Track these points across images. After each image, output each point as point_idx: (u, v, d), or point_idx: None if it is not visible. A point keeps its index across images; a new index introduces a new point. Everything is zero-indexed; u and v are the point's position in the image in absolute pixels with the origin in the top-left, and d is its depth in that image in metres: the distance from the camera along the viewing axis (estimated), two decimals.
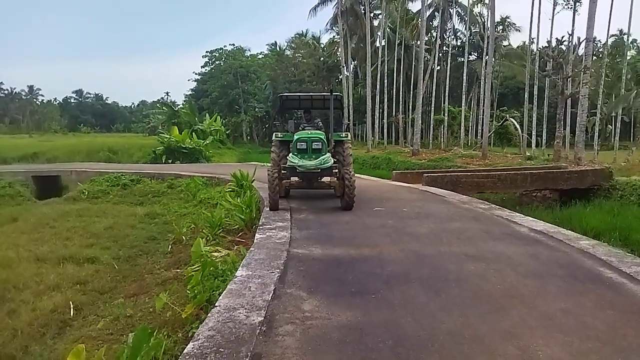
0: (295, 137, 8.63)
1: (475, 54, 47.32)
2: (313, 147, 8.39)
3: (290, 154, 8.49)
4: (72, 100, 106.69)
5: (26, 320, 6.47)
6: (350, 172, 8.37)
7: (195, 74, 62.13)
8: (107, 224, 12.33)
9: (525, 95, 33.51)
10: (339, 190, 8.53)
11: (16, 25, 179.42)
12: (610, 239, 9.11)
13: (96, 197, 17.09)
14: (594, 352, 3.06)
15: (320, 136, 8.60)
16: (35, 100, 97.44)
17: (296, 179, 8.54)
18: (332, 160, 8.48)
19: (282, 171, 8.46)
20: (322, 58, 53.38)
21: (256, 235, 6.29)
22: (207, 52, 58.50)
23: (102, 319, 6.10)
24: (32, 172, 21.88)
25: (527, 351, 3.04)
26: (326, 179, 8.55)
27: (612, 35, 47.50)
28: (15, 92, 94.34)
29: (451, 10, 43.37)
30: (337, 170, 8.41)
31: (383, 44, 42.45)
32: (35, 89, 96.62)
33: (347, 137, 9.75)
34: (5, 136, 58.65)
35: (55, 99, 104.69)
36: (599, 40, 43.99)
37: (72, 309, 6.75)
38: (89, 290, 7.61)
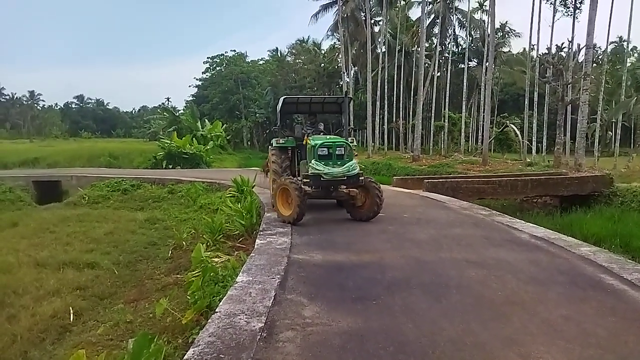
0: (317, 142, 7.82)
1: (476, 61, 47.48)
2: (337, 152, 7.70)
3: (313, 161, 7.64)
4: (73, 106, 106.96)
5: (26, 326, 6.46)
6: (374, 180, 8.00)
7: (196, 79, 62.37)
8: (107, 229, 12.33)
9: (526, 102, 33.59)
10: (360, 199, 7.90)
11: (17, 30, 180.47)
12: (611, 245, 9.08)
13: (96, 202, 17.12)
14: (595, 359, 3.05)
15: (344, 141, 8.08)
16: (36, 105, 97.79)
17: (311, 188, 7.73)
18: (359, 167, 7.86)
19: (304, 180, 7.70)
20: (322, 64, 53.64)
21: (257, 240, 6.28)
22: (208, 57, 58.70)
23: (102, 324, 6.09)
24: (32, 177, 21.92)
25: (528, 358, 3.03)
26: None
27: (612, 42, 47.75)
28: (17, 98, 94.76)
29: (452, 17, 43.58)
30: (362, 178, 7.83)
31: (383, 50, 42.62)
32: (36, 94, 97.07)
33: (352, 142, 9.57)
34: (6, 141, 58.83)
35: (56, 104, 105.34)
36: (599, 47, 44.09)
37: (71, 315, 6.75)
38: (89, 295, 7.60)
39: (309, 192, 7.65)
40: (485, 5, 42.10)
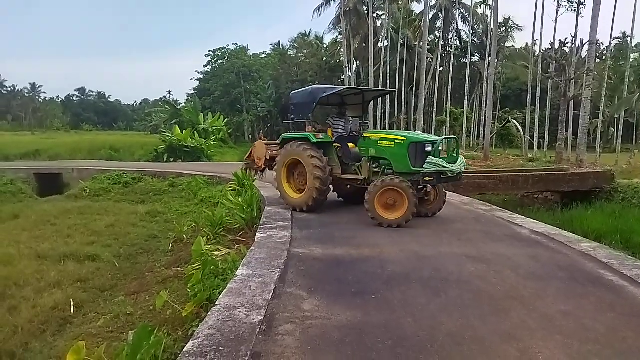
0: (437, 138, 7.57)
1: (478, 55, 47.29)
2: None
3: (432, 158, 7.08)
4: (75, 98, 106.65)
5: (27, 317, 6.49)
6: None
7: (198, 72, 62.13)
8: (108, 222, 12.35)
9: (528, 97, 33.49)
10: (432, 195, 7.93)
11: (18, 22, 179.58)
12: (612, 241, 9.09)
13: (98, 195, 17.13)
14: (594, 354, 3.06)
15: (455, 137, 8.25)
16: (37, 97, 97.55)
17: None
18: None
19: (427, 178, 7.05)
20: (324, 58, 53.37)
21: (257, 234, 6.29)
22: (209, 51, 58.49)
23: (103, 316, 6.11)
24: (34, 169, 21.93)
25: (526, 353, 3.04)
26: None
27: (616, 38, 47.43)
28: (18, 90, 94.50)
29: (454, 11, 43.38)
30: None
31: (386, 44, 42.47)
32: (37, 86, 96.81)
33: None
34: (7, 133, 58.59)
35: (58, 96, 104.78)
36: (602, 43, 44.00)
37: (72, 307, 6.77)
38: (90, 287, 7.63)
39: None
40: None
